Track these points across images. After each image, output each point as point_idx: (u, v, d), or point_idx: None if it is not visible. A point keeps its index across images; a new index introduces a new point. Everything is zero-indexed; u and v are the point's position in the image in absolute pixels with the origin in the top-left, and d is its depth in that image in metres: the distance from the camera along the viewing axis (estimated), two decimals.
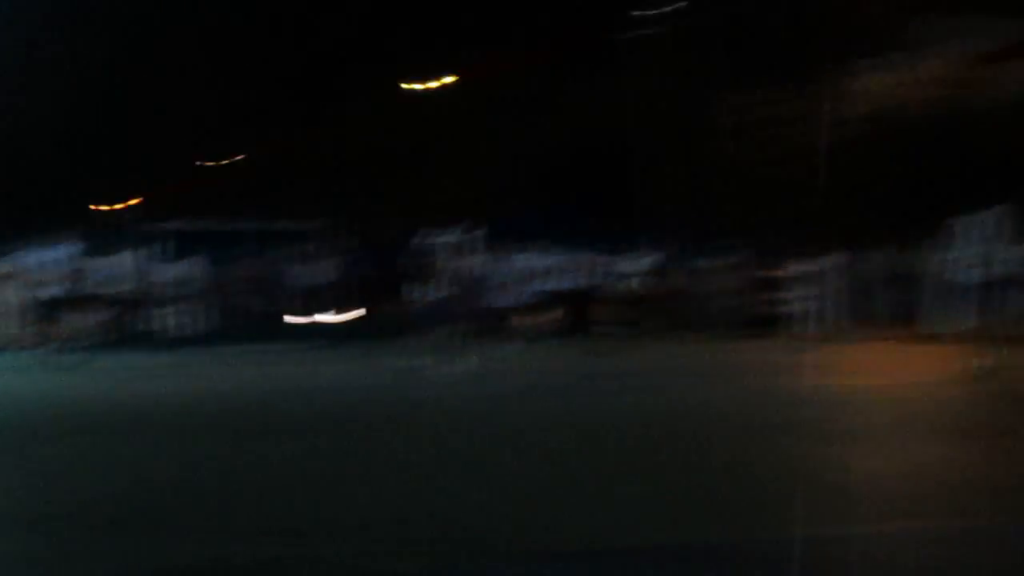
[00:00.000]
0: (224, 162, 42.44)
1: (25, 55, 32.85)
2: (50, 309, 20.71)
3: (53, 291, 20.53)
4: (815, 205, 34.19)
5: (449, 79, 37.19)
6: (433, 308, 16.75)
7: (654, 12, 34.94)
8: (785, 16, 40.62)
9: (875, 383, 15.03)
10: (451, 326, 16.16)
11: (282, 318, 27.27)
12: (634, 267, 28.46)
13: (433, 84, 37.07)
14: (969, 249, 23.31)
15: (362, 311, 27.84)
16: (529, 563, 5.67)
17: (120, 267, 24.55)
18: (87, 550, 6.00)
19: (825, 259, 26.16)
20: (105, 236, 26.61)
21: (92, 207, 37.09)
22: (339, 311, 27.20)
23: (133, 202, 37.16)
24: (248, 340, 24.34)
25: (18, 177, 33.71)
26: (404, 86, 36.90)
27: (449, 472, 8.32)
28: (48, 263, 20.75)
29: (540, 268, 22.65)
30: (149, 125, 35.06)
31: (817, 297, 25.72)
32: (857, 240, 26.15)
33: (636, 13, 34.74)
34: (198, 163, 39.22)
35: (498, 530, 6.34)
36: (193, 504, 7.21)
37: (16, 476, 8.43)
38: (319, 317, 27.16)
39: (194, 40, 35.54)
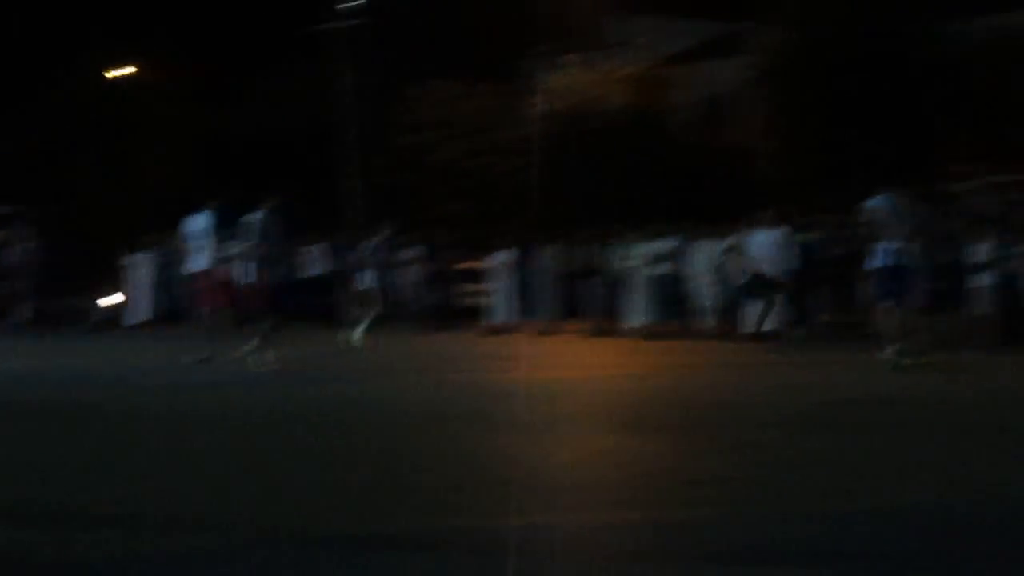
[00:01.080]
0: None
1: None
2: None
3: None
4: (512, 199, 34.55)
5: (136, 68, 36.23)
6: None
7: (350, 5, 34.73)
8: (483, 13, 40.97)
9: (563, 375, 15.02)
10: None
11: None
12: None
13: (126, 72, 36.08)
14: (655, 247, 23.87)
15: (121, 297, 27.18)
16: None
17: None
18: None
19: (519, 252, 26.29)
20: None
21: None
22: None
23: None
24: None
25: None
26: (104, 74, 35.79)
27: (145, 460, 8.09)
28: None
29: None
30: None
31: (511, 289, 25.83)
32: (550, 234, 26.37)
33: (337, 7, 34.50)
34: None
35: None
36: None
37: None
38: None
39: None
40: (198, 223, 16.09)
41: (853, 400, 11.68)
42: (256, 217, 15.10)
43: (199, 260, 16.14)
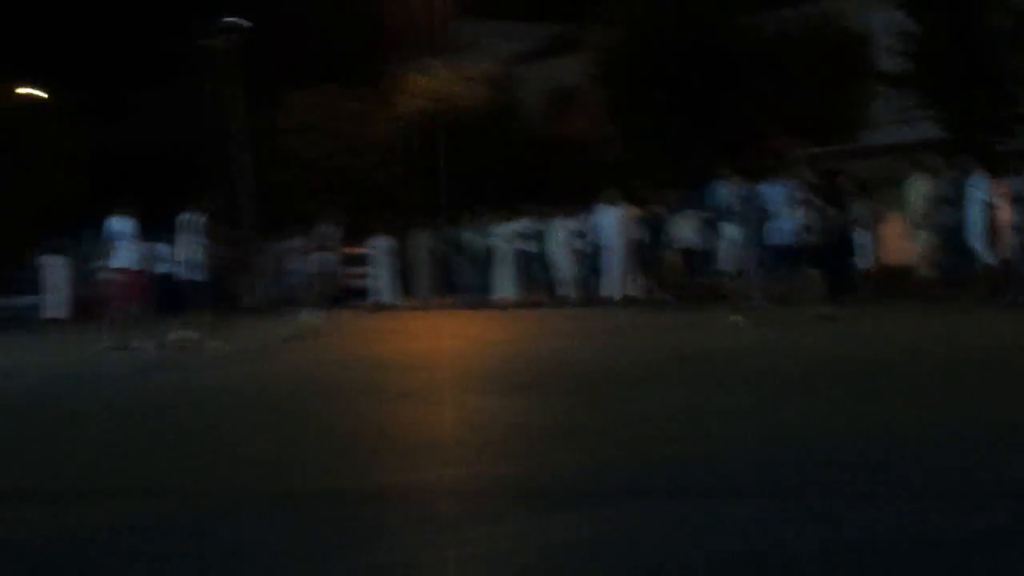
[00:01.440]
0: None
1: None
2: None
3: None
4: (384, 190, 34.53)
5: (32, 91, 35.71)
6: None
7: (229, 21, 34.52)
8: (337, 21, 40.76)
9: (442, 346, 15.03)
10: None
11: None
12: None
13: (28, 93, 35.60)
14: (516, 226, 23.98)
15: None
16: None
17: None
18: None
19: (396, 237, 26.31)
20: None
21: None
22: None
23: None
24: None
25: None
26: None
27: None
28: None
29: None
30: None
31: (391, 271, 25.85)
32: (422, 220, 26.42)
33: (218, 23, 34.28)
34: None
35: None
36: None
37: None
38: None
39: None
40: (120, 224, 16.31)
41: (707, 355, 11.81)
42: (194, 217, 15.37)
43: (123, 257, 16.32)
